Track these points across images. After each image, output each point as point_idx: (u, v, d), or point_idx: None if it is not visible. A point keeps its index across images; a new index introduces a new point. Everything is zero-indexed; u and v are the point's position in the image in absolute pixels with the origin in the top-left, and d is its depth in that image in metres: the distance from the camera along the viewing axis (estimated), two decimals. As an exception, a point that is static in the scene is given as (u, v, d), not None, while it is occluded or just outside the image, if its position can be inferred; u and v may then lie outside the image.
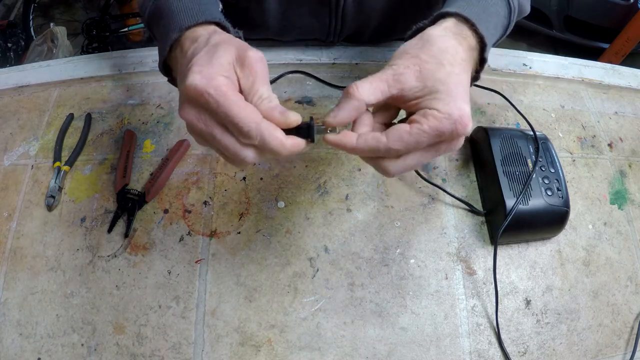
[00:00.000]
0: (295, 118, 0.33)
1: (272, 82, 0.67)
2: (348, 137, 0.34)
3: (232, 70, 0.33)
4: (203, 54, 0.33)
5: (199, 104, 0.32)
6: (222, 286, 0.52)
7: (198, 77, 0.31)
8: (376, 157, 0.35)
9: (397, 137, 0.32)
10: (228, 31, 0.40)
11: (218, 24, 0.39)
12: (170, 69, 0.42)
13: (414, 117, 0.34)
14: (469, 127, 0.33)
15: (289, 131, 0.33)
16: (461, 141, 0.34)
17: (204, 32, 0.37)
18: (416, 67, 0.34)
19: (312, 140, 0.34)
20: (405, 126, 0.33)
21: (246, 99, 0.33)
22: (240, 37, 0.41)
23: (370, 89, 0.34)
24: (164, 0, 0.43)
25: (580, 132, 0.69)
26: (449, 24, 0.38)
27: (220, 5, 0.48)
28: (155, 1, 0.44)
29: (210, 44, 0.35)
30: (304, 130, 0.34)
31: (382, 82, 0.35)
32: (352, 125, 0.36)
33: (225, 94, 0.31)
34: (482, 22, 0.39)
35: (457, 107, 0.32)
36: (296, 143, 0.33)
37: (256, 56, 0.33)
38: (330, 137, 0.34)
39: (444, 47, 0.36)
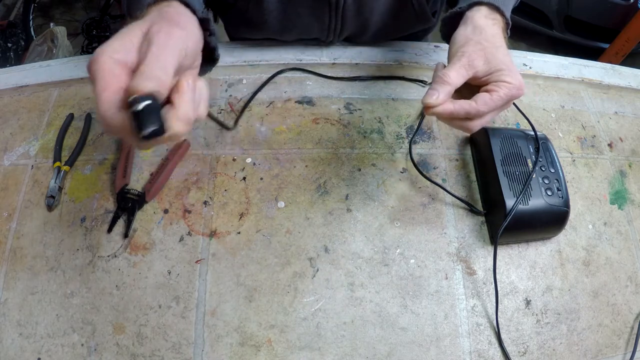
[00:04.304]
0: (148, 85, 0.31)
1: (267, 82, 0.68)
2: (447, 105, 0.43)
3: (136, 42, 0.33)
4: (120, 32, 0.34)
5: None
6: (222, 286, 0.52)
7: (93, 56, 0.31)
8: (463, 120, 0.44)
9: (483, 102, 0.42)
10: (193, 10, 0.39)
11: (182, 2, 0.38)
12: None
13: (488, 87, 0.43)
14: (520, 96, 0.43)
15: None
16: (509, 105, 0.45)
17: (155, 8, 0.37)
18: (481, 52, 0.43)
19: (141, 131, 0.30)
20: (486, 94, 0.42)
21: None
22: (206, 18, 0.41)
23: (456, 76, 0.43)
24: None
25: (580, 132, 0.69)
26: (484, 12, 0.47)
27: None
28: None
29: (139, 20, 0.35)
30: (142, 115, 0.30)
31: (462, 68, 0.43)
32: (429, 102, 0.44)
33: (99, 74, 0.31)
34: (506, 8, 0.48)
35: (518, 78, 0.43)
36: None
37: (162, 30, 0.33)
38: (436, 109, 0.42)
39: (494, 32, 0.45)
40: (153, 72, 0.31)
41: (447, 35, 0.50)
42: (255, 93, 0.66)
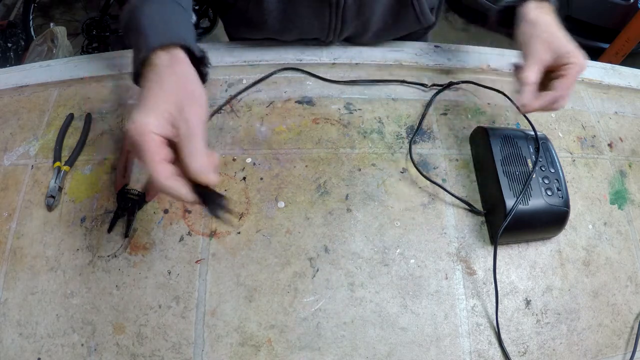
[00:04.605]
0: (212, 179, 0.40)
1: (263, 79, 0.68)
2: (536, 102, 0.53)
3: (169, 117, 0.39)
4: (149, 97, 0.40)
5: (132, 147, 0.40)
6: (222, 286, 0.52)
7: (132, 126, 0.38)
8: (549, 105, 0.53)
9: (560, 87, 0.52)
10: (193, 52, 0.45)
11: (183, 47, 0.44)
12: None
13: (560, 72, 0.53)
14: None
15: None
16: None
17: (164, 59, 0.42)
18: (544, 44, 0.53)
19: (210, 210, 0.41)
20: (561, 80, 0.52)
21: (178, 143, 0.39)
22: (204, 57, 0.48)
23: (534, 75, 0.52)
24: (137, 14, 0.46)
25: (580, 132, 0.69)
26: (533, 4, 0.56)
27: (194, 18, 0.52)
28: (128, 13, 0.47)
29: (163, 83, 0.41)
30: (209, 196, 0.41)
31: (535, 66, 0.53)
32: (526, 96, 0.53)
33: (146, 151, 0.38)
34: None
35: (579, 56, 0.52)
36: (195, 202, 0.41)
37: (195, 111, 0.40)
38: (528, 108, 0.53)
39: (547, 21, 0.54)
40: (206, 163, 0.39)
41: (499, 23, 0.62)
42: (236, 94, 0.66)
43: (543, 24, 0.54)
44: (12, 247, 0.54)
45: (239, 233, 0.55)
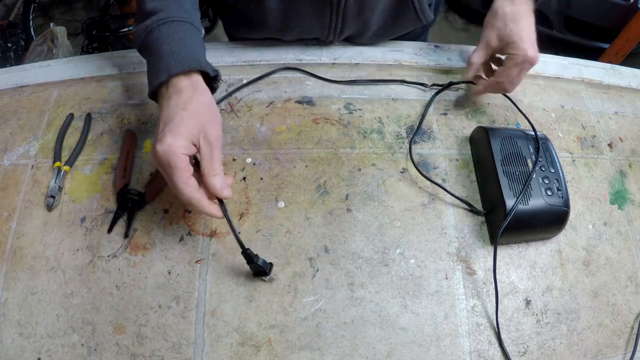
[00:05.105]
0: (227, 194, 0.47)
1: (263, 77, 0.68)
2: (478, 88, 0.63)
3: (193, 139, 0.45)
4: (176, 121, 0.44)
5: (159, 164, 0.45)
6: (222, 286, 0.52)
7: (163, 148, 0.43)
8: (497, 88, 0.62)
9: (499, 74, 0.59)
10: (208, 74, 0.49)
11: (201, 72, 0.48)
12: (157, 96, 0.50)
13: (504, 60, 0.59)
14: (535, 59, 0.57)
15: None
16: (530, 67, 0.58)
17: (185, 84, 0.46)
18: (494, 31, 0.59)
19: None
20: (501, 67, 0.59)
21: (201, 162, 0.46)
22: (217, 75, 0.51)
23: (477, 57, 0.62)
24: (155, 35, 0.48)
25: (580, 132, 0.69)
26: None
27: (203, 31, 0.55)
28: (144, 33, 0.49)
29: (187, 109, 0.45)
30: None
31: (481, 50, 0.61)
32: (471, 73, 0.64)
33: (177, 169, 0.43)
34: None
35: (525, 46, 0.56)
36: (216, 212, 0.47)
37: (215, 133, 0.46)
38: (473, 92, 0.64)
39: (509, 12, 0.58)
40: (223, 180, 0.46)
41: (484, 7, 0.65)
42: (233, 91, 0.66)
43: (502, 14, 0.58)
44: (12, 247, 0.54)
45: (239, 233, 0.55)
